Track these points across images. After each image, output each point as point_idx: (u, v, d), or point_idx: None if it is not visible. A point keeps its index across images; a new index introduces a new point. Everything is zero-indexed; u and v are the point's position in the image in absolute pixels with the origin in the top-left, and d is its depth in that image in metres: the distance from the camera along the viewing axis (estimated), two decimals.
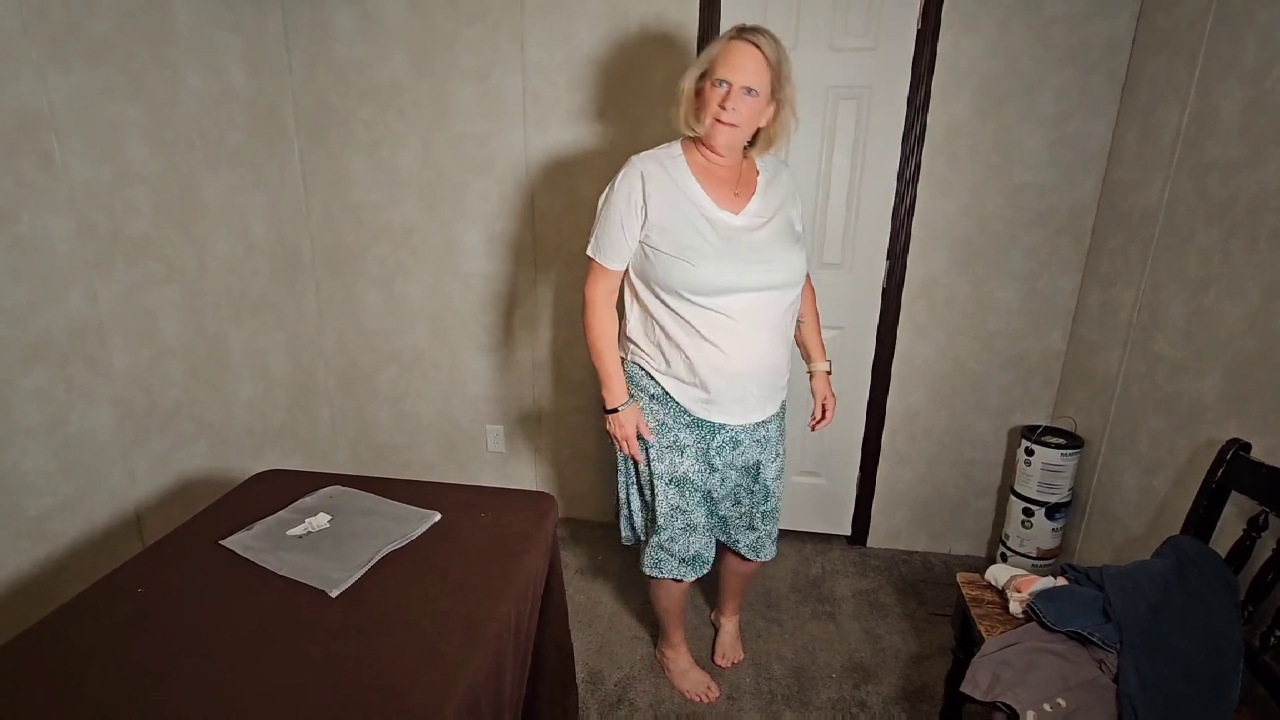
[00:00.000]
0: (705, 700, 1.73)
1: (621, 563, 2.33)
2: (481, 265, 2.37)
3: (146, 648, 1.00)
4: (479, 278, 2.38)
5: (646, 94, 2.11)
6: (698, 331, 1.37)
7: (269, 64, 2.17)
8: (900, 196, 2.08)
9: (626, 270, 1.47)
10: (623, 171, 1.39)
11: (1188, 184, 1.63)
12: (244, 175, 2.10)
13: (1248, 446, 1.37)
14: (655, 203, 1.36)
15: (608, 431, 1.48)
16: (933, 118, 2.00)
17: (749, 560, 1.69)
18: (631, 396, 1.47)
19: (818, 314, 1.68)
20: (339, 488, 1.44)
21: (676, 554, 1.57)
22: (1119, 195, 1.91)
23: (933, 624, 2.03)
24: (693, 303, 1.36)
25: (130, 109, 1.71)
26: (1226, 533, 1.39)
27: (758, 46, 1.27)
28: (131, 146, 1.72)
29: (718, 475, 1.52)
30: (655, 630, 2.00)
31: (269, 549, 1.21)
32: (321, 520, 1.30)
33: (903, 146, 2.04)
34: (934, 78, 1.96)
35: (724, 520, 1.64)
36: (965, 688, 1.27)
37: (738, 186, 1.40)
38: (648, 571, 1.60)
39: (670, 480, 1.50)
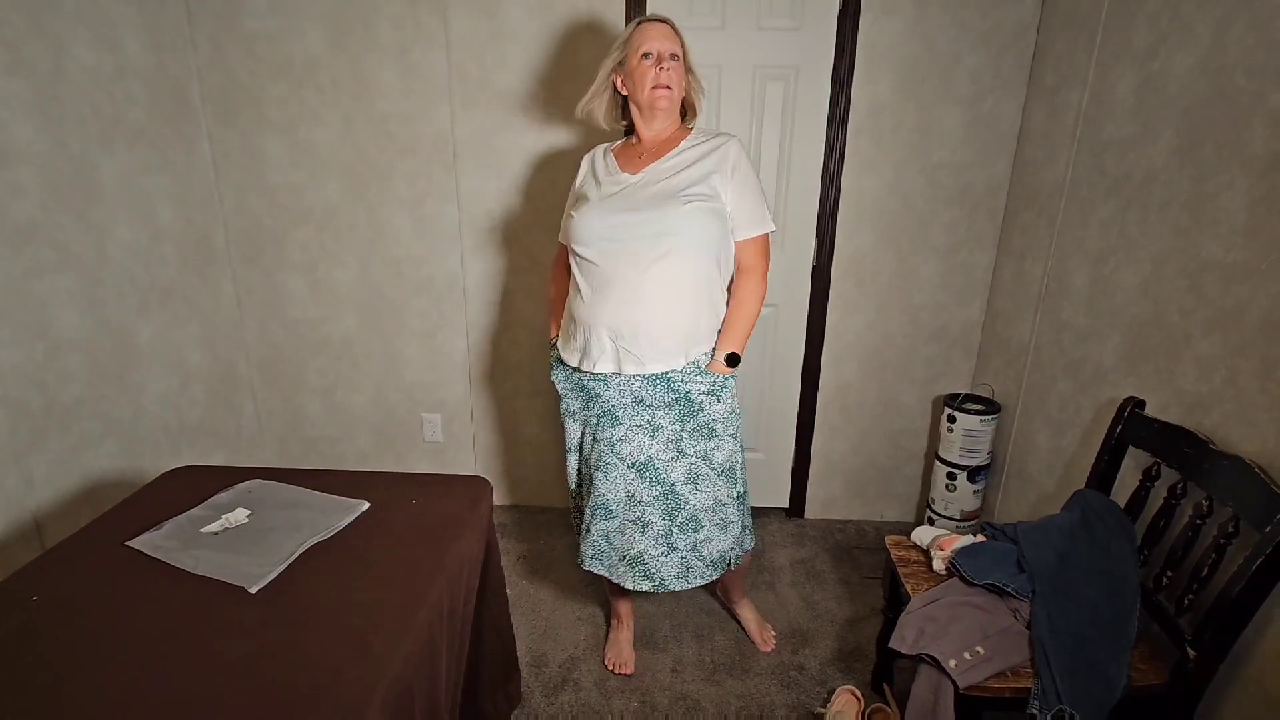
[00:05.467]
0: (617, 671, 1.75)
1: (564, 547, 2.32)
2: (410, 249, 2.29)
3: (40, 660, 0.93)
4: (408, 262, 2.31)
5: (575, 72, 2.08)
6: (576, 282, 1.48)
7: (169, 37, 2.03)
8: (827, 175, 2.12)
9: None
10: None
11: (1088, 161, 1.73)
12: (146, 156, 1.96)
13: (1142, 404, 1.47)
14: (580, 181, 1.57)
15: None
16: (856, 97, 2.05)
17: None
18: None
19: (744, 308, 1.47)
20: (259, 481, 1.37)
21: (595, 532, 1.55)
22: (1029, 173, 2.01)
23: (866, 588, 2.11)
24: (576, 254, 1.46)
25: (8, 83, 1.56)
26: (1125, 484, 1.50)
27: (666, 23, 1.43)
28: (13, 123, 1.58)
29: (599, 451, 1.50)
30: (599, 612, 2.01)
31: (181, 548, 1.15)
32: (239, 516, 1.24)
33: (829, 126, 2.08)
34: (856, 58, 2.01)
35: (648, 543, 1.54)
36: (893, 643, 1.32)
37: (651, 155, 1.48)
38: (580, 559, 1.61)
39: (569, 446, 1.63)
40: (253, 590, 1.06)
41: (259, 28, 2.09)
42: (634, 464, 1.49)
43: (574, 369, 1.50)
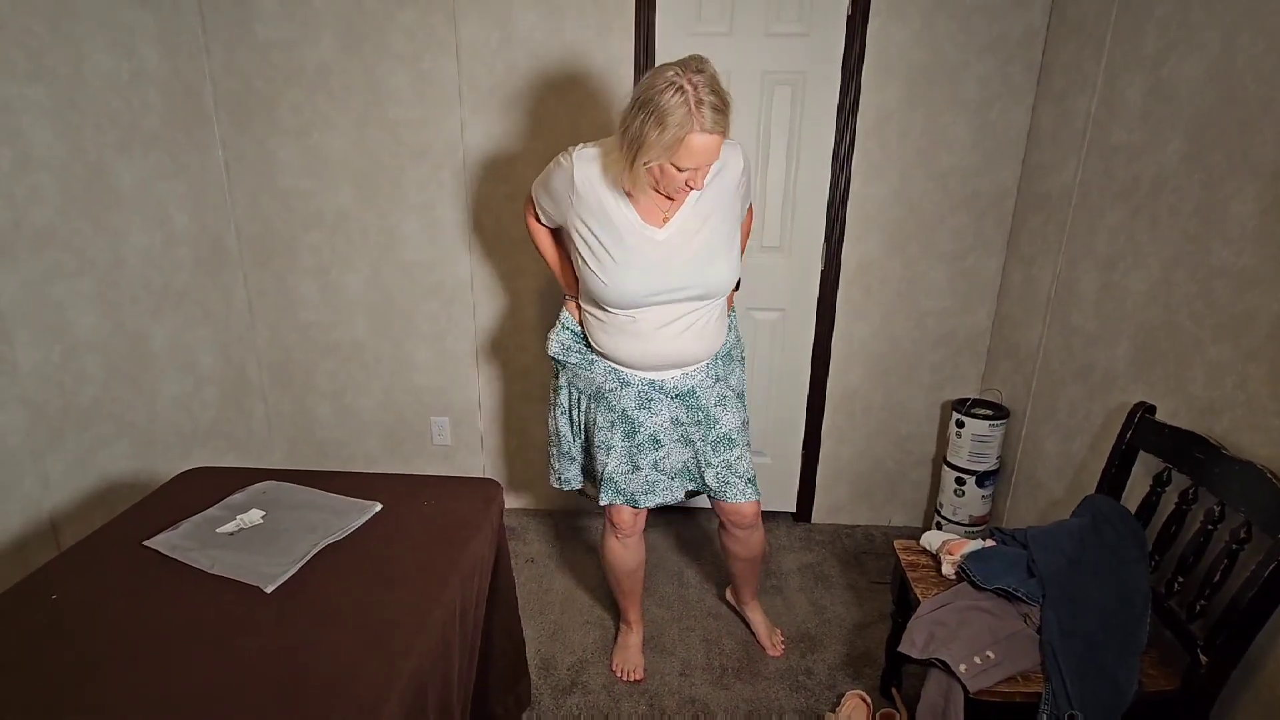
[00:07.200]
0: (626, 678, 1.76)
1: (573, 550, 2.33)
2: (420, 253, 2.31)
3: (61, 656, 0.95)
4: (418, 266, 2.32)
5: (585, 78, 2.10)
6: (598, 319, 1.49)
7: (185, 44, 2.06)
8: (835, 180, 2.13)
9: None
10: (563, 160, 1.38)
11: (1097, 166, 1.74)
12: (161, 161, 1.99)
13: (1153, 409, 1.47)
14: (583, 207, 1.37)
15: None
16: (864, 103, 2.06)
17: (732, 515, 1.63)
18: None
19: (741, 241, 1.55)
20: (273, 482, 1.39)
21: (647, 465, 1.57)
22: (1037, 178, 2.01)
23: (874, 593, 2.11)
24: (605, 309, 1.46)
25: (30, 89, 1.59)
26: (1136, 490, 1.50)
27: (719, 132, 1.20)
28: (32, 129, 1.60)
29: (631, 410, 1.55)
30: (608, 616, 2.01)
31: (198, 547, 1.16)
32: (254, 516, 1.25)
33: (836, 131, 2.09)
34: (864, 64, 2.02)
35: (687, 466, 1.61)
36: (903, 647, 1.33)
37: (671, 203, 1.37)
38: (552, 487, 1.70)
39: (570, 405, 1.62)
40: (268, 590, 1.07)
41: (272, 34, 2.11)
42: (677, 394, 1.54)
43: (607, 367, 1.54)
